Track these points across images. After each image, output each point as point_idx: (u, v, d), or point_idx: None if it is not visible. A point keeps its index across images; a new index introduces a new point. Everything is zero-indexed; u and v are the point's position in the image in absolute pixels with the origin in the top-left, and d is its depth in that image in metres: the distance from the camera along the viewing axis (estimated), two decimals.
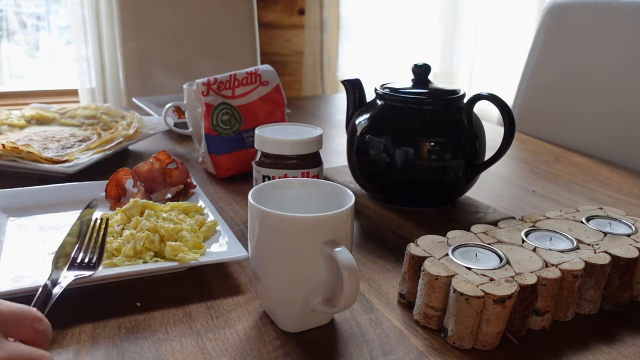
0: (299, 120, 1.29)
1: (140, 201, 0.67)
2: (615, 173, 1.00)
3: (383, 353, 0.49)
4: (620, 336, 0.52)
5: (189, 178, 0.79)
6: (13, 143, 0.88)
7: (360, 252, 0.68)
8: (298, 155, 0.69)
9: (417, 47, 2.62)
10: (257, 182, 0.71)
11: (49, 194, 0.75)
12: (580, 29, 1.25)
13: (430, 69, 0.74)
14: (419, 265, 0.53)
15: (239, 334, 0.51)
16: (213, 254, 0.62)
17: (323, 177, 0.74)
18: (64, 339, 0.50)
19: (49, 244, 0.64)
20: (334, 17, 2.64)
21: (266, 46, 2.64)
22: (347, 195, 0.52)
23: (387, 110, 0.73)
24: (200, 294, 0.57)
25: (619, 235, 0.59)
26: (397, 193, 0.73)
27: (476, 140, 0.71)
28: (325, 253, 0.48)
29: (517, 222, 0.63)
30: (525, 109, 1.36)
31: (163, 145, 1.09)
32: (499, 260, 0.54)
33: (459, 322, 0.49)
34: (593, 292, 0.55)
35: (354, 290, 0.46)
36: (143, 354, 0.48)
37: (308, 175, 0.70)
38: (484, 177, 0.90)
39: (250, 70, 0.92)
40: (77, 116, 1.12)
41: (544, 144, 1.19)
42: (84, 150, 0.95)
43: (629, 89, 1.14)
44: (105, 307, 0.55)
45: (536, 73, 1.35)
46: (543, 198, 0.87)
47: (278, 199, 0.54)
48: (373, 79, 1.87)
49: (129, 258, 0.59)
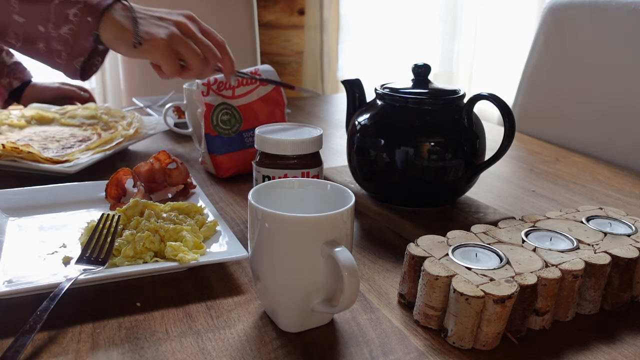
0: (299, 120, 1.29)
1: (141, 201, 0.68)
2: (615, 173, 1.00)
3: (383, 353, 0.49)
4: (620, 336, 0.52)
5: (189, 178, 0.79)
6: (13, 143, 0.88)
7: (360, 252, 0.68)
8: (298, 155, 0.69)
9: (417, 47, 2.62)
10: (257, 182, 0.71)
11: (49, 194, 0.75)
12: (580, 29, 1.25)
13: (430, 69, 0.74)
14: (419, 265, 0.53)
15: (239, 334, 0.51)
16: (213, 254, 0.62)
17: (323, 177, 0.74)
18: (64, 339, 0.50)
19: (49, 244, 0.64)
20: (334, 17, 2.64)
21: (266, 46, 2.65)
22: (347, 195, 0.52)
23: (387, 110, 0.73)
24: (200, 294, 0.57)
25: (619, 236, 0.59)
26: (397, 193, 0.73)
27: (476, 140, 0.71)
28: (325, 253, 0.48)
29: (517, 222, 0.63)
30: (525, 109, 1.36)
31: (163, 145, 1.09)
32: (499, 260, 0.54)
33: (459, 322, 0.49)
34: (593, 292, 0.55)
35: (354, 290, 0.46)
36: (143, 354, 0.48)
37: (308, 175, 0.70)
38: (484, 177, 0.90)
39: (250, 70, 0.92)
40: (77, 116, 1.13)
41: (544, 144, 1.19)
42: (84, 150, 0.95)
43: (629, 89, 1.14)
44: (105, 307, 0.55)
45: (536, 73, 1.35)
46: (543, 198, 0.87)
47: (278, 199, 0.54)
48: (373, 79, 1.88)
49: (129, 258, 0.59)
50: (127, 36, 0.71)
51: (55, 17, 0.68)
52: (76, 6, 0.68)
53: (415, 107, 0.71)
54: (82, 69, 0.74)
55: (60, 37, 0.69)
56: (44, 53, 0.71)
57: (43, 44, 0.69)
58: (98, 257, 0.58)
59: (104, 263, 0.57)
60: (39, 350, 0.48)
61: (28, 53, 0.73)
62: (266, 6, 2.61)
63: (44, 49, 0.70)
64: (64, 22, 0.68)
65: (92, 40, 0.70)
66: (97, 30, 0.70)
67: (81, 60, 0.72)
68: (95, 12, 0.69)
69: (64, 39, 0.69)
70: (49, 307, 0.49)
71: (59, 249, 0.63)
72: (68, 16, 0.68)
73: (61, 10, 0.68)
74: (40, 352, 0.48)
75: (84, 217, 0.71)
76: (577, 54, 1.26)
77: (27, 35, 0.70)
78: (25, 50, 0.73)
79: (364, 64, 2.66)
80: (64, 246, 0.64)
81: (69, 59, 0.70)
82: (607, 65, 1.19)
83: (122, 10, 0.73)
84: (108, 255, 0.58)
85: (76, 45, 0.69)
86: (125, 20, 0.72)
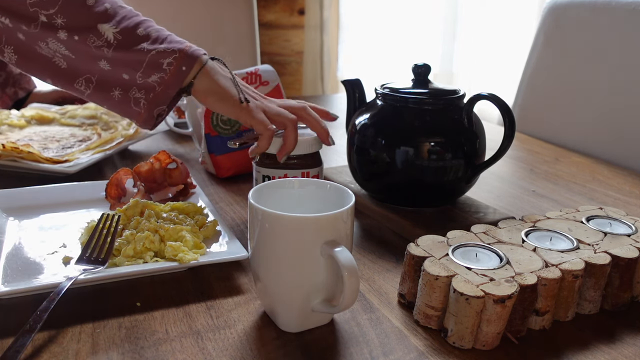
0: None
1: (140, 201, 0.68)
2: (615, 173, 1.00)
3: (383, 353, 0.49)
4: (620, 336, 0.52)
5: (189, 178, 0.79)
6: (13, 143, 0.88)
7: (360, 252, 0.68)
8: (298, 156, 0.69)
9: (417, 47, 2.62)
10: (257, 182, 0.71)
11: (49, 194, 0.75)
12: (580, 29, 1.25)
13: (430, 69, 0.74)
14: (419, 265, 0.53)
15: (239, 334, 0.51)
16: (213, 254, 0.62)
17: (323, 177, 0.74)
18: (64, 339, 0.50)
19: (49, 244, 0.64)
20: (334, 17, 2.64)
21: (266, 46, 2.64)
22: (347, 195, 0.52)
23: (387, 110, 0.73)
24: (200, 294, 0.57)
25: (619, 235, 0.59)
26: (397, 193, 0.73)
27: (476, 140, 0.71)
28: (325, 253, 0.48)
29: (517, 222, 0.63)
30: (525, 109, 1.36)
31: (163, 145, 1.09)
32: (499, 260, 0.54)
33: (459, 322, 0.49)
34: (593, 292, 0.55)
35: (354, 290, 0.46)
36: (143, 354, 0.48)
37: (308, 175, 0.70)
38: (484, 177, 0.90)
39: (250, 70, 0.92)
40: (77, 116, 1.12)
41: (544, 144, 1.19)
42: (84, 150, 0.95)
43: (629, 88, 1.14)
44: (105, 307, 0.55)
45: (536, 73, 1.35)
46: (543, 198, 0.87)
47: (278, 199, 0.54)
48: (373, 79, 1.87)
49: (129, 258, 0.59)
50: (223, 91, 0.68)
51: (147, 65, 0.66)
52: (172, 56, 0.66)
53: (415, 107, 0.71)
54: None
55: (145, 85, 0.66)
56: (117, 101, 0.68)
57: (119, 92, 0.66)
58: (98, 257, 0.58)
59: (104, 263, 0.57)
60: (39, 350, 0.48)
61: (97, 100, 0.69)
62: (266, 6, 2.61)
63: (119, 96, 0.67)
64: (155, 70, 0.66)
65: (179, 90, 0.68)
66: (194, 79, 0.67)
67: (162, 109, 0.69)
68: (191, 62, 0.67)
69: (149, 87, 0.66)
70: (49, 307, 0.49)
71: (59, 249, 0.63)
72: (162, 65, 0.66)
73: (157, 59, 0.66)
74: (40, 352, 0.48)
75: (84, 217, 0.71)
76: (577, 54, 1.26)
77: (103, 83, 0.67)
78: (95, 98, 0.69)
79: (364, 64, 2.66)
80: (64, 246, 0.64)
81: (150, 107, 0.68)
82: (607, 65, 1.19)
83: (218, 65, 0.71)
84: (108, 255, 0.58)
85: (163, 93, 0.67)
86: (221, 75, 0.70)
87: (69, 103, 1.34)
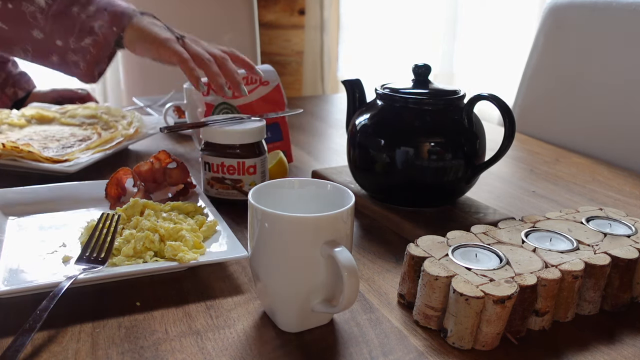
0: (299, 120, 1.29)
1: (140, 201, 0.68)
2: (615, 173, 1.00)
3: (383, 353, 0.49)
4: (620, 337, 0.52)
5: (189, 178, 0.79)
6: (13, 142, 0.88)
7: (360, 252, 0.68)
8: (235, 145, 0.74)
9: (417, 47, 2.62)
10: (204, 169, 0.77)
11: (49, 193, 0.75)
12: (581, 29, 1.25)
13: (431, 69, 0.74)
14: (419, 266, 0.53)
15: (239, 334, 0.51)
16: (213, 253, 0.62)
17: (267, 169, 0.78)
18: (64, 338, 0.50)
19: (48, 243, 0.64)
20: (334, 17, 2.64)
21: (266, 46, 2.64)
22: (347, 195, 0.52)
23: (387, 110, 0.73)
24: (200, 294, 0.57)
25: (618, 236, 0.59)
26: (397, 193, 0.73)
27: (476, 141, 0.71)
28: (325, 253, 0.48)
29: (517, 222, 0.63)
30: (526, 109, 1.36)
31: (163, 145, 1.09)
32: (498, 260, 0.54)
33: (459, 323, 0.49)
34: (593, 292, 0.55)
35: (354, 291, 0.46)
36: (143, 354, 0.48)
37: (243, 165, 0.74)
38: (484, 177, 0.90)
39: None
40: (78, 116, 1.12)
41: (544, 144, 1.19)
42: (84, 150, 0.95)
43: (629, 89, 1.14)
44: (105, 306, 0.55)
45: (536, 73, 1.35)
46: (543, 198, 0.87)
47: (278, 199, 0.54)
48: (373, 79, 1.88)
49: (128, 258, 0.59)
50: (149, 36, 0.75)
51: (79, 30, 0.70)
52: (102, 18, 0.71)
53: (416, 107, 0.71)
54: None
55: (80, 49, 0.71)
56: (57, 64, 0.75)
57: (56, 57, 0.72)
58: (98, 256, 0.58)
59: (104, 262, 0.57)
60: (39, 350, 0.48)
61: (39, 63, 0.76)
62: (266, 6, 2.61)
63: (58, 61, 0.73)
64: (88, 34, 0.71)
65: (114, 47, 0.73)
66: (122, 32, 0.73)
67: (101, 67, 0.75)
68: (120, 21, 0.73)
69: (84, 50, 0.71)
70: (48, 306, 0.49)
71: (59, 248, 0.63)
72: (94, 29, 0.70)
73: (88, 22, 0.71)
74: (40, 352, 0.48)
75: (84, 217, 0.71)
76: (578, 55, 1.26)
77: (39, 51, 0.72)
78: (36, 62, 0.76)
79: (364, 64, 2.66)
80: (64, 245, 0.64)
81: (89, 67, 0.74)
82: (607, 65, 1.19)
83: (148, 17, 0.77)
84: (108, 254, 0.58)
85: (98, 55, 0.72)
86: (150, 24, 0.76)
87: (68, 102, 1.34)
